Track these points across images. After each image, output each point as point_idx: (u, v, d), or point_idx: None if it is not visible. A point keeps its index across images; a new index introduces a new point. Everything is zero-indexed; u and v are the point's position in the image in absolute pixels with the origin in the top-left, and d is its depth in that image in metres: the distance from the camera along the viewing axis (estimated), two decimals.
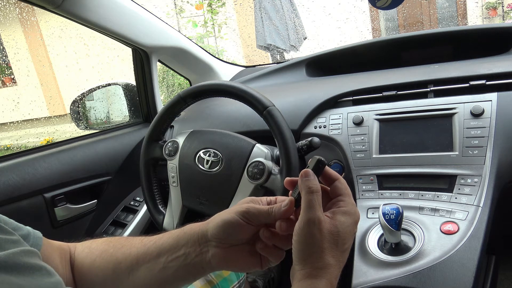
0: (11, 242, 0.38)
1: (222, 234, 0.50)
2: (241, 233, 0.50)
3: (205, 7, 5.19)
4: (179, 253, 0.52)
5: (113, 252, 0.56)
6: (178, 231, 0.54)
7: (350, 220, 0.45)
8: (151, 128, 1.03)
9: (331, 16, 5.32)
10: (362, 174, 0.94)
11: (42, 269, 0.37)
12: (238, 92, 0.92)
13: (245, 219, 0.50)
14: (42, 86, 6.25)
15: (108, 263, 0.55)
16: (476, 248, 0.73)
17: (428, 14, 5.60)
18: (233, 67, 1.64)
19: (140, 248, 0.54)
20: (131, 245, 0.56)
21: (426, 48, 1.28)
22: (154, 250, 0.54)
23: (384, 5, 0.93)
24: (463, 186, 0.83)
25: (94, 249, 0.57)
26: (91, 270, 0.56)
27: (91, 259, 0.56)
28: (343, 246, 0.44)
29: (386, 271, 0.74)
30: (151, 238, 0.56)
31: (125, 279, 0.54)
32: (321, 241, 0.43)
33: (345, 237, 0.44)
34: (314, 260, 0.43)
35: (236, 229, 0.50)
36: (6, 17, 5.24)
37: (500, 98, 0.87)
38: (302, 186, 0.47)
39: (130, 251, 0.55)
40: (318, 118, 1.06)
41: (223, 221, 0.50)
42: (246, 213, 0.50)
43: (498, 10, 5.29)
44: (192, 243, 0.52)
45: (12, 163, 1.01)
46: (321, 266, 0.43)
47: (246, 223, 0.50)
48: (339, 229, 0.44)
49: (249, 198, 0.54)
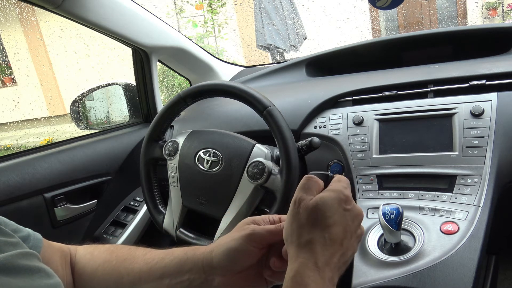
0: (10, 245, 0.38)
1: (228, 263, 0.49)
2: (248, 259, 0.49)
3: (205, 7, 5.19)
4: (183, 278, 0.51)
5: (116, 265, 0.55)
6: (181, 254, 0.53)
7: (332, 195, 0.45)
8: (151, 128, 1.03)
9: (331, 16, 5.32)
10: (362, 174, 0.94)
11: (41, 271, 0.37)
12: (238, 92, 0.92)
13: (252, 242, 0.48)
14: (42, 86, 6.24)
15: (110, 275, 0.55)
16: (476, 248, 0.73)
17: (428, 14, 5.60)
18: (233, 67, 1.64)
19: (143, 266, 0.54)
20: (133, 259, 0.55)
21: (426, 48, 1.28)
22: (157, 270, 0.53)
23: (384, 5, 0.93)
24: (463, 186, 0.83)
25: (96, 257, 0.57)
26: (93, 278, 0.56)
27: (93, 268, 0.56)
28: (325, 221, 0.43)
29: (386, 271, 0.74)
30: (153, 256, 0.55)
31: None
32: (301, 218, 0.44)
33: (327, 210, 0.43)
34: (297, 237, 0.43)
35: (243, 255, 0.49)
36: (6, 17, 5.23)
37: (500, 98, 0.87)
38: (305, 177, 0.48)
39: (133, 267, 0.54)
40: (318, 118, 1.06)
41: (228, 250, 0.49)
42: (252, 236, 0.48)
43: (498, 10, 5.29)
44: (197, 270, 0.51)
45: (12, 163, 1.01)
46: (304, 244, 0.42)
47: (252, 248, 0.49)
48: (318, 203, 0.44)
49: (249, 219, 0.53)
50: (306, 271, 0.41)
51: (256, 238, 0.48)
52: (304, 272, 0.41)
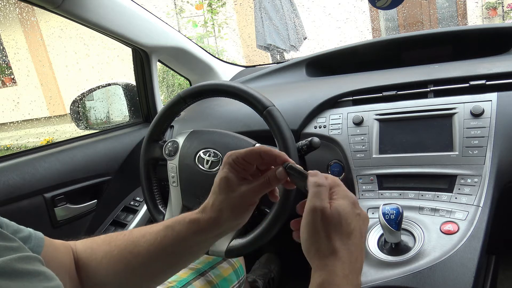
0: (10, 249, 0.38)
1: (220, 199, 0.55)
2: (239, 183, 0.54)
3: (205, 7, 5.19)
4: (196, 240, 0.55)
5: (118, 254, 0.56)
6: (183, 228, 0.55)
7: (346, 201, 0.45)
8: (151, 128, 1.03)
9: (331, 16, 5.32)
10: (362, 174, 0.94)
11: (41, 274, 0.37)
12: (238, 92, 0.92)
13: (233, 169, 0.54)
14: (42, 86, 6.25)
15: (116, 264, 0.56)
16: (476, 248, 0.73)
17: (428, 14, 5.60)
18: (233, 67, 1.63)
19: (149, 247, 0.55)
20: (134, 244, 0.56)
21: (426, 48, 1.28)
22: (165, 248, 0.55)
23: (384, 5, 0.93)
24: (463, 186, 0.83)
25: (96, 250, 0.57)
26: (98, 270, 0.56)
27: (97, 261, 0.56)
28: (348, 227, 0.44)
29: (386, 271, 0.74)
30: (153, 235, 0.56)
31: (139, 275, 0.56)
32: (324, 226, 0.43)
33: (347, 217, 0.44)
34: (320, 247, 0.43)
35: (233, 184, 0.54)
36: (6, 17, 5.24)
37: (500, 98, 0.87)
38: (310, 182, 0.47)
39: (138, 251, 0.56)
40: (318, 118, 1.06)
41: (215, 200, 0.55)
42: (230, 164, 0.54)
43: (498, 10, 5.29)
44: (205, 230, 0.55)
45: (12, 163, 1.01)
46: (329, 253, 0.42)
47: (236, 172, 0.54)
48: (339, 210, 0.44)
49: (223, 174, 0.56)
50: (336, 279, 0.41)
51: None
52: (333, 281, 0.41)
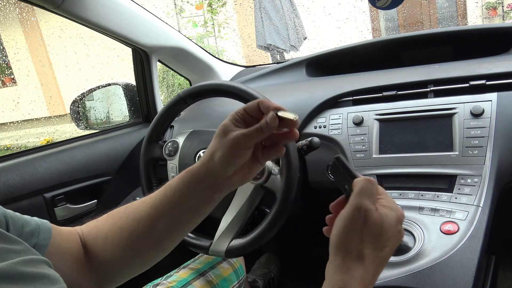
0: (13, 252, 0.38)
1: (228, 168, 0.52)
2: (243, 157, 0.52)
3: (205, 7, 5.19)
4: (196, 199, 0.54)
5: (122, 223, 0.56)
6: (180, 184, 0.55)
7: (394, 214, 0.43)
8: (151, 128, 1.03)
9: (331, 16, 5.32)
10: (362, 174, 0.94)
11: (44, 278, 0.37)
12: (238, 92, 0.92)
13: (238, 149, 0.50)
14: (42, 86, 6.25)
15: (122, 232, 0.56)
16: (476, 248, 0.73)
17: (428, 14, 5.60)
18: (233, 67, 1.63)
19: (150, 209, 0.55)
20: (135, 210, 0.57)
21: (426, 48, 1.28)
22: (166, 205, 0.55)
23: (384, 5, 0.93)
24: (463, 186, 0.83)
25: (101, 227, 0.58)
26: (106, 247, 0.56)
27: (103, 237, 0.57)
28: (384, 242, 0.42)
29: (386, 271, 0.74)
30: (153, 198, 0.57)
31: (143, 241, 0.56)
32: (363, 229, 0.41)
33: (388, 232, 0.42)
34: (350, 247, 0.41)
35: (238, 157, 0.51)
36: (6, 17, 5.24)
37: (500, 98, 0.87)
38: (360, 178, 0.46)
39: (140, 215, 0.56)
40: (318, 118, 1.06)
41: (223, 158, 0.51)
42: (236, 144, 0.50)
43: (498, 10, 5.29)
44: (204, 188, 0.54)
45: (12, 163, 1.01)
46: (356, 257, 0.41)
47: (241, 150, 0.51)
48: (384, 221, 0.42)
49: (226, 125, 0.52)
50: (356, 286, 0.40)
51: (240, 145, 0.50)
52: (353, 287, 0.40)
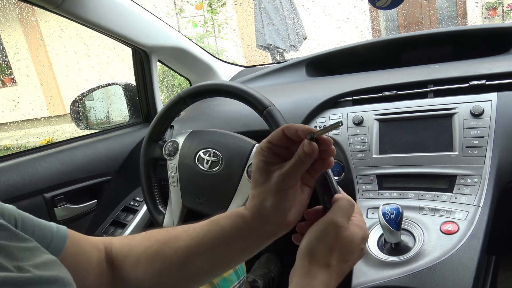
0: (26, 250, 0.37)
1: (280, 214, 0.48)
2: (294, 197, 0.48)
3: (205, 7, 5.19)
4: (240, 244, 0.51)
5: (158, 249, 0.54)
6: (228, 224, 0.51)
7: (361, 233, 0.47)
8: (151, 128, 1.03)
9: (331, 16, 5.32)
10: (362, 174, 0.94)
11: (58, 281, 0.37)
12: (238, 92, 0.92)
13: (286, 186, 0.47)
14: (42, 86, 6.25)
15: (155, 259, 0.54)
16: (476, 248, 0.73)
17: (428, 14, 5.60)
18: (233, 67, 1.63)
19: (190, 242, 0.52)
20: (175, 238, 0.54)
21: (426, 48, 1.28)
22: (207, 242, 0.52)
23: (384, 5, 0.93)
24: (463, 186, 0.83)
25: (135, 247, 0.56)
26: (136, 268, 0.54)
27: (135, 258, 0.55)
28: (349, 256, 0.46)
29: (386, 271, 0.75)
30: (197, 230, 0.53)
31: (177, 272, 0.53)
32: (334, 242, 0.45)
33: (352, 248, 0.46)
34: (319, 256, 0.45)
35: (289, 200, 0.47)
36: (6, 17, 5.24)
37: (500, 98, 0.87)
38: (343, 197, 0.49)
39: (179, 245, 0.53)
40: (318, 118, 1.06)
41: (276, 205, 0.47)
42: (283, 185, 0.46)
43: (498, 10, 5.29)
44: (252, 235, 0.50)
45: (12, 163, 1.01)
46: (323, 264, 0.45)
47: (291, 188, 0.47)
48: (352, 239, 0.46)
49: (259, 167, 0.48)
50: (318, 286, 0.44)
51: (287, 186, 0.47)
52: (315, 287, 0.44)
